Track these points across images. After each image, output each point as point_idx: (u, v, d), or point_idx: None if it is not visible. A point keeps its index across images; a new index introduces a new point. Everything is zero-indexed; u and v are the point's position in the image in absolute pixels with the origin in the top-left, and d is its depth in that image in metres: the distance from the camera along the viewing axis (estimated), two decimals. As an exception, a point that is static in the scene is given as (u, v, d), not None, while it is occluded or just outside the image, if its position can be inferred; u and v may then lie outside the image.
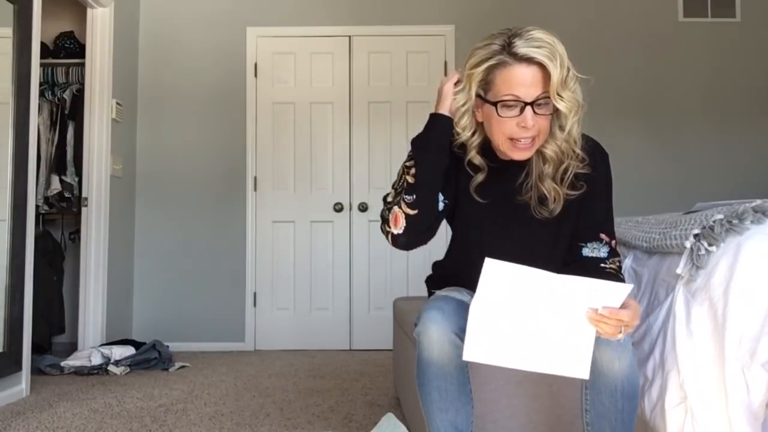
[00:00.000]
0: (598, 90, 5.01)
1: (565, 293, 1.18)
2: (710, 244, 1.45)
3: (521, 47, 1.34)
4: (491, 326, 1.21)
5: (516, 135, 1.39)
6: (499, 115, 1.39)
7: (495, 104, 1.39)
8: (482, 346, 1.22)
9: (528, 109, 1.36)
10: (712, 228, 1.46)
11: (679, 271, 1.50)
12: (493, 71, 1.38)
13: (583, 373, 1.22)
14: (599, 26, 4.60)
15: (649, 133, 4.56)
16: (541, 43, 1.34)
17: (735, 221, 1.45)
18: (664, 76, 4.58)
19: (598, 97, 4.44)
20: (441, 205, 1.50)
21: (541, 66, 1.34)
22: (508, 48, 1.36)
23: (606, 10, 4.61)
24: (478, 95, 1.43)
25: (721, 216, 1.47)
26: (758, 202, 1.49)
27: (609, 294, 1.18)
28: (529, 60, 1.34)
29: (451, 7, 4.57)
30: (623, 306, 1.21)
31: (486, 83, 1.40)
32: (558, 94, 1.34)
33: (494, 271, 1.18)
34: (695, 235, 1.49)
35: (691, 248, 1.48)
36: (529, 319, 1.20)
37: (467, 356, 1.24)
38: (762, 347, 1.33)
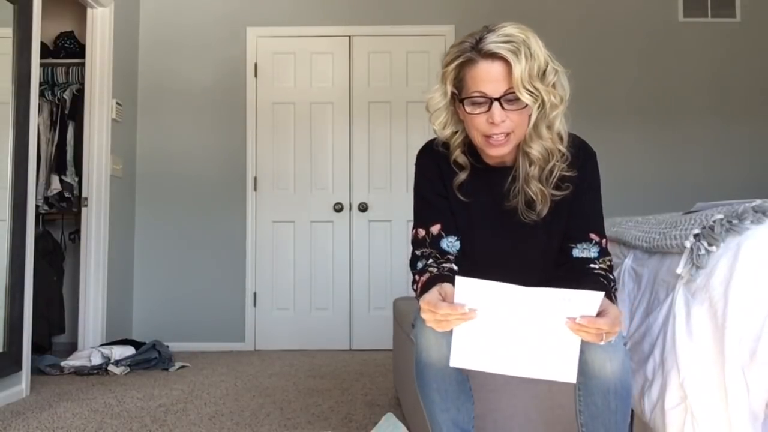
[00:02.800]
0: (597, 90, 5.01)
1: (540, 304, 1.18)
2: (710, 244, 1.45)
3: (488, 43, 1.34)
4: (476, 337, 1.21)
5: (487, 131, 1.38)
6: (467, 112, 1.39)
7: (462, 101, 1.39)
8: (469, 354, 1.22)
9: (495, 104, 1.35)
10: (712, 228, 1.46)
11: (679, 271, 1.50)
12: (463, 69, 1.39)
13: (570, 377, 1.21)
14: (599, 26, 4.60)
15: (649, 133, 4.56)
16: (508, 38, 1.33)
17: (735, 221, 1.44)
18: (663, 76, 4.58)
19: (597, 96, 4.48)
20: (457, 245, 1.50)
21: (506, 61, 1.33)
22: (476, 44, 1.36)
23: (606, 10, 4.61)
24: (453, 93, 1.43)
25: (721, 216, 1.47)
26: (758, 202, 1.49)
27: (582, 302, 1.17)
28: (492, 55, 1.34)
29: (451, 7, 4.57)
30: (602, 313, 1.19)
31: (459, 81, 1.41)
32: (524, 87, 1.32)
33: (466, 288, 1.18)
34: (695, 235, 1.48)
35: (691, 248, 1.48)
36: (511, 330, 1.20)
37: (454, 362, 1.24)
38: (762, 347, 1.33)
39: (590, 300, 1.17)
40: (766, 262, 1.37)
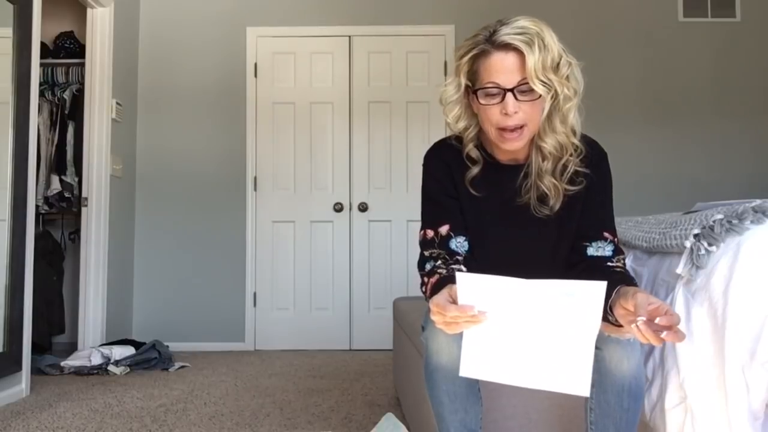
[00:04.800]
0: (598, 89, 5.00)
1: (544, 297, 1.15)
2: (710, 244, 1.45)
3: (501, 35, 1.34)
4: (486, 340, 1.19)
5: (501, 123, 1.38)
6: (480, 103, 1.39)
7: (476, 93, 1.39)
8: (479, 362, 1.20)
9: (509, 95, 1.35)
10: (712, 228, 1.46)
11: (679, 271, 1.50)
12: (477, 61, 1.39)
13: (583, 390, 1.15)
14: (599, 26, 4.60)
15: (649, 133, 4.56)
16: (522, 30, 1.33)
17: (735, 221, 1.44)
18: (664, 76, 4.58)
19: (598, 96, 4.46)
20: (466, 246, 1.49)
21: (520, 52, 1.33)
22: (490, 36, 1.36)
23: (606, 9, 4.61)
24: (467, 86, 1.43)
25: (721, 216, 1.47)
26: (758, 202, 1.49)
27: (587, 294, 1.13)
28: (506, 46, 1.34)
29: (451, 7, 4.57)
30: (661, 310, 1.14)
31: (472, 73, 1.41)
32: (538, 78, 1.32)
33: (467, 284, 1.16)
34: (695, 235, 1.48)
35: (691, 248, 1.48)
36: (519, 330, 1.17)
37: (464, 372, 1.22)
38: (762, 347, 1.33)
39: (595, 291, 1.13)
40: (766, 262, 1.37)
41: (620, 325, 1.22)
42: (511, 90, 1.35)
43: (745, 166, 4.53)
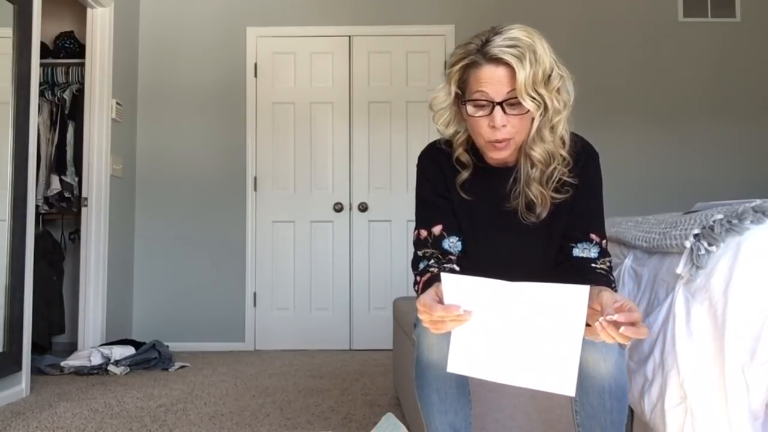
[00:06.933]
0: (597, 89, 5.01)
1: (528, 300, 1.15)
2: (710, 244, 1.45)
3: (493, 47, 1.33)
4: (473, 339, 1.19)
5: (489, 136, 1.38)
6: (469, 114, 1.39)
7: (464, 103, 1.39)
8: (466, 358, 1.20)
9: (497, 108, 1.35)
10: (712, 228, 1.46)
11: (679, 271, 1.50)
12: (467, 71, 1.38)
13: (569, 389, 1.15)
14: (599, 26, 4.60)
15: (648, 133, 4.56)
16: (514, 42, 1.32)
17: (735, 221, 1.44)
18: (663, 76, 4.58)
19: (597, 96, 4.48)
20: (459, 246, 1.49)
21: (511, 66, 1.32)
22: (482, 47, 1.35)
23: (606, 9, 4.61)
24: (456, 94, 1.43)
25: (720, 216, 1.47)
26: (758, 202, 1.49)
27: (570, 298, 1.13)
28: (497, 60, 1.33)
29: (451, 7, 4.57)
30: (626, 306, 1.16)
31: (462, 82, 1.40)
32: (527, 93, 1.32)
33: (452, 285, 1.17)
34: (695, 235, 1.48)
35: (691, 248, 1.48)
36: (506, 330, 1.17)
37: (451, 368, 1.22)
38: (762, 347, 1.33)
39: (577, 295, 1.13)
40: (766, 262, 1.37)
41: (591, 326, 1.22)
42: (500, 103, 1.35)
43: (745, 167, 4.53)
